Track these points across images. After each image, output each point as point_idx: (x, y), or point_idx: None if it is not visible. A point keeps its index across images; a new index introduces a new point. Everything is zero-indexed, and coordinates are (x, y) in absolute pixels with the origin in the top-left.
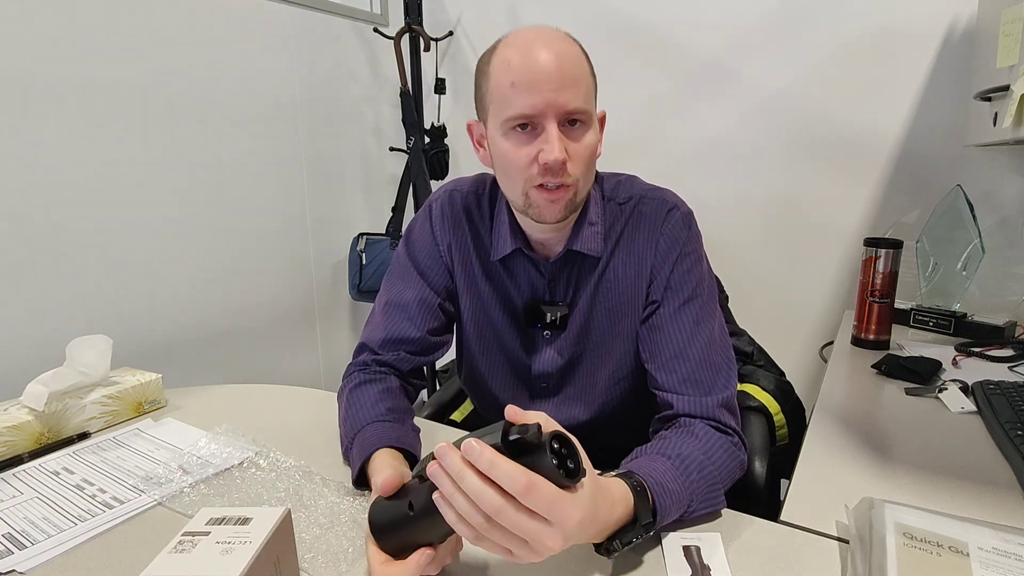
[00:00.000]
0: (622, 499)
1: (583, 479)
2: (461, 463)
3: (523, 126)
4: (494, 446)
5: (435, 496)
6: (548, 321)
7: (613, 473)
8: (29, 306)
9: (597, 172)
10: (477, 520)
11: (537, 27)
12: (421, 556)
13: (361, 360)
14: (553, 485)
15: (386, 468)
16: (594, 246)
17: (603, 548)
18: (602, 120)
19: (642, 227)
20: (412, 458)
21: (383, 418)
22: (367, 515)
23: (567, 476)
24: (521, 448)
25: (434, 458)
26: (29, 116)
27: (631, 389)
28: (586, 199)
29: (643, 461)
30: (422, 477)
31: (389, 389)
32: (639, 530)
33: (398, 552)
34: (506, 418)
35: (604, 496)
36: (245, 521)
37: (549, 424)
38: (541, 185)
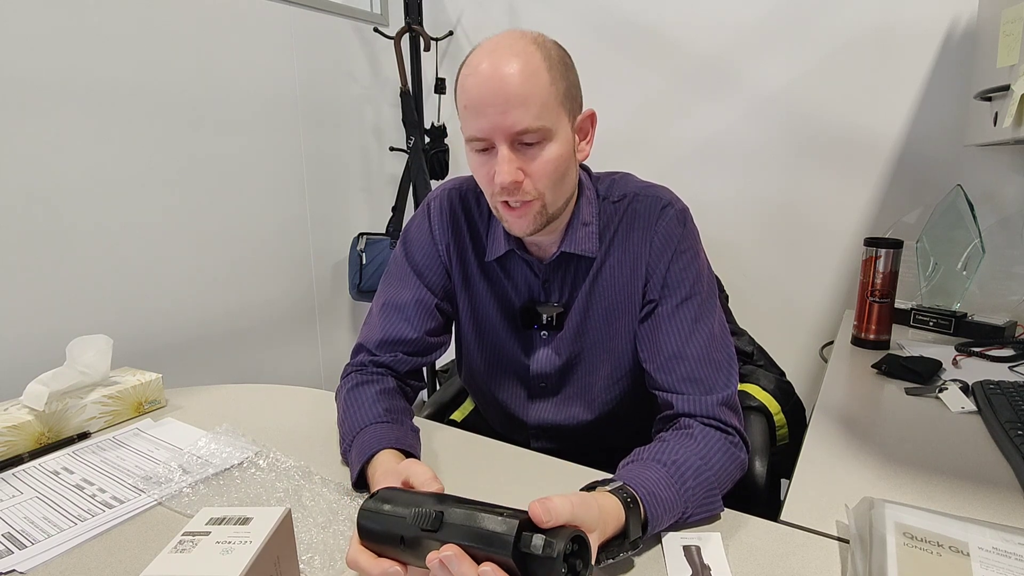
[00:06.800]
0: (614, 518)
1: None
2: (472, 573)
3: (481, 146)
4: (503, 559)
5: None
6: (544, 322)
7: (608, 488)
8: (30, 306)
9: (591, 172)
10: None
11: (498, 39)
12: (391, 567)
13: (358, 361)
14: None
15: (388, 474)
16: (588, 247)
17: None
18: (592, 119)
19: (636, 225)
20: (411, 458)
21: (381, 419)
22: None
23: None
24: (531, 558)
25: (439, 517)
26: (28, 116)
27: (630, 388)
28: (578, 200)
29: (637, 469)
30: (420, 527)
31: (386, 390)
32: (626, 546)
33: (376, 551)
34: (529, 514)
35: (599, 521)
36: (245, 521)
37: (572, 517)
38: (505, 201)
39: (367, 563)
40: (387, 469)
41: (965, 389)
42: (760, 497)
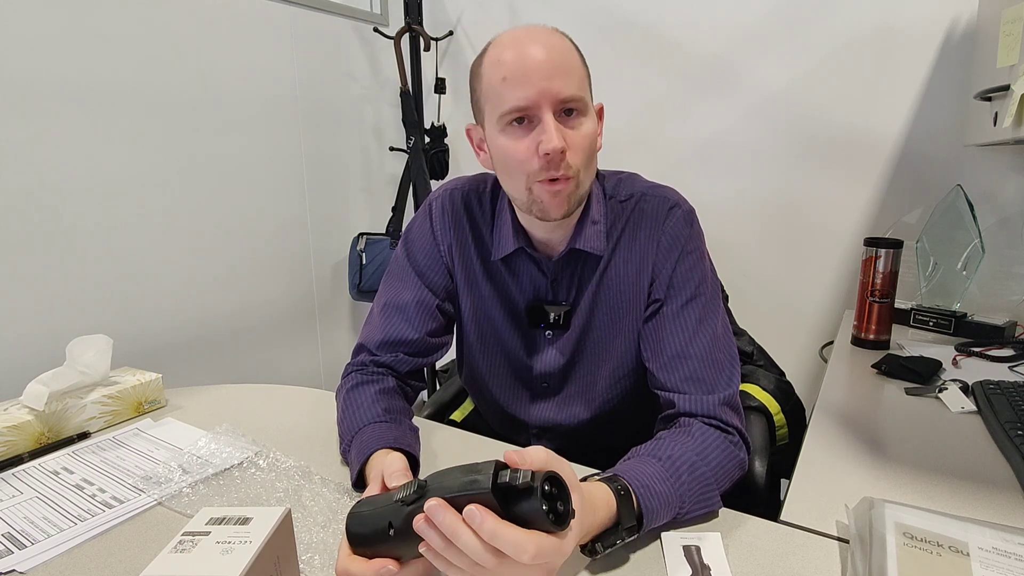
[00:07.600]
0: (604, 504)
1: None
2: (456, 522)
3: (520, 120)
4: (483, 496)
5: (422, 548)
6: (551, 321)
7: (598, 477)
8: (30, 306)
9: (599, 170)
10: (468, 571)
11: (525, 26)
12: (383, 567)
13: (359, 361)
14: (551, 539)
15: (377, 478)
16: (597, 244)
17: (586, 549)
18: (600, 112)
19: (643, 225)
20: (410, 458)
21: (380, 419)
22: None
23: (556, 522)
24: (510, 492)
25: (421, 487)
26: (28, 115)
27: (631, 388)
28: (588, 197)
29: (632, 463)
30: (404, 501)
31: (385, 390)
32: (621, 533)
33: (368, 554)
34: (504, 459)
35: (586, 501)
36: (245, 521)
37: (547, 464)
38: (543, 179)
39: (358, 568)
40: (378, 472)
41: (965, 389)
42: (760, 497)
